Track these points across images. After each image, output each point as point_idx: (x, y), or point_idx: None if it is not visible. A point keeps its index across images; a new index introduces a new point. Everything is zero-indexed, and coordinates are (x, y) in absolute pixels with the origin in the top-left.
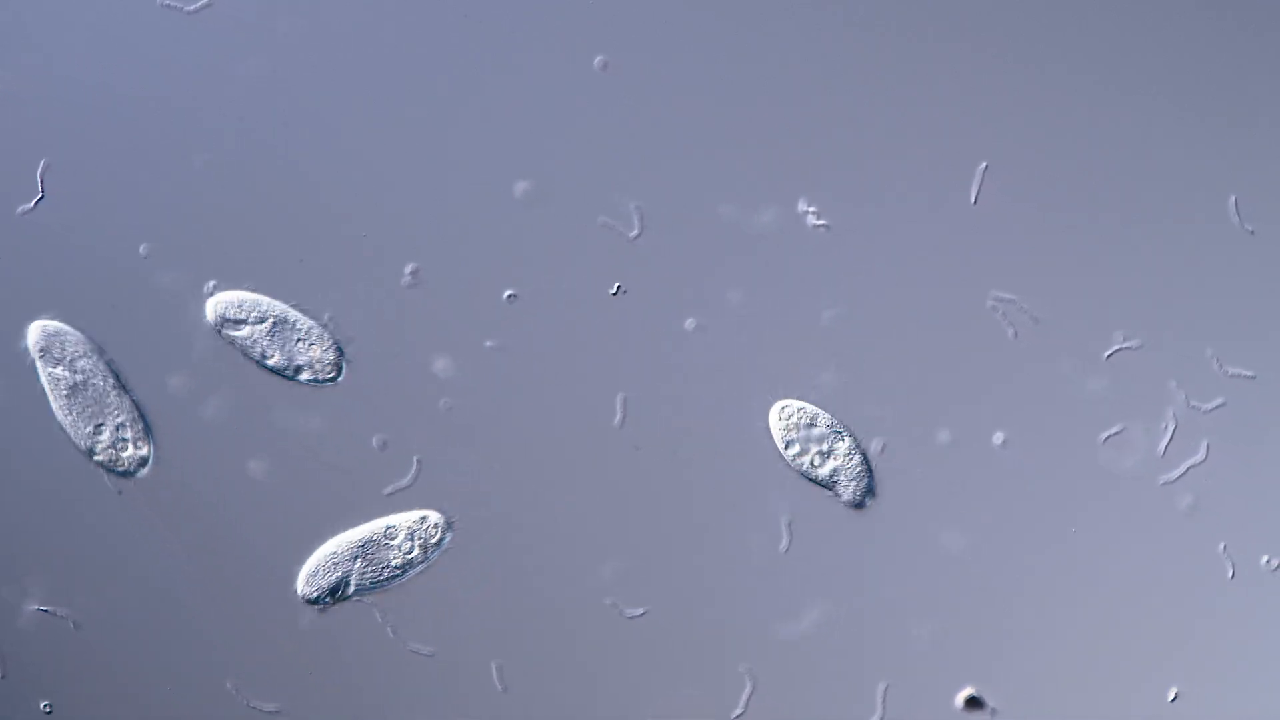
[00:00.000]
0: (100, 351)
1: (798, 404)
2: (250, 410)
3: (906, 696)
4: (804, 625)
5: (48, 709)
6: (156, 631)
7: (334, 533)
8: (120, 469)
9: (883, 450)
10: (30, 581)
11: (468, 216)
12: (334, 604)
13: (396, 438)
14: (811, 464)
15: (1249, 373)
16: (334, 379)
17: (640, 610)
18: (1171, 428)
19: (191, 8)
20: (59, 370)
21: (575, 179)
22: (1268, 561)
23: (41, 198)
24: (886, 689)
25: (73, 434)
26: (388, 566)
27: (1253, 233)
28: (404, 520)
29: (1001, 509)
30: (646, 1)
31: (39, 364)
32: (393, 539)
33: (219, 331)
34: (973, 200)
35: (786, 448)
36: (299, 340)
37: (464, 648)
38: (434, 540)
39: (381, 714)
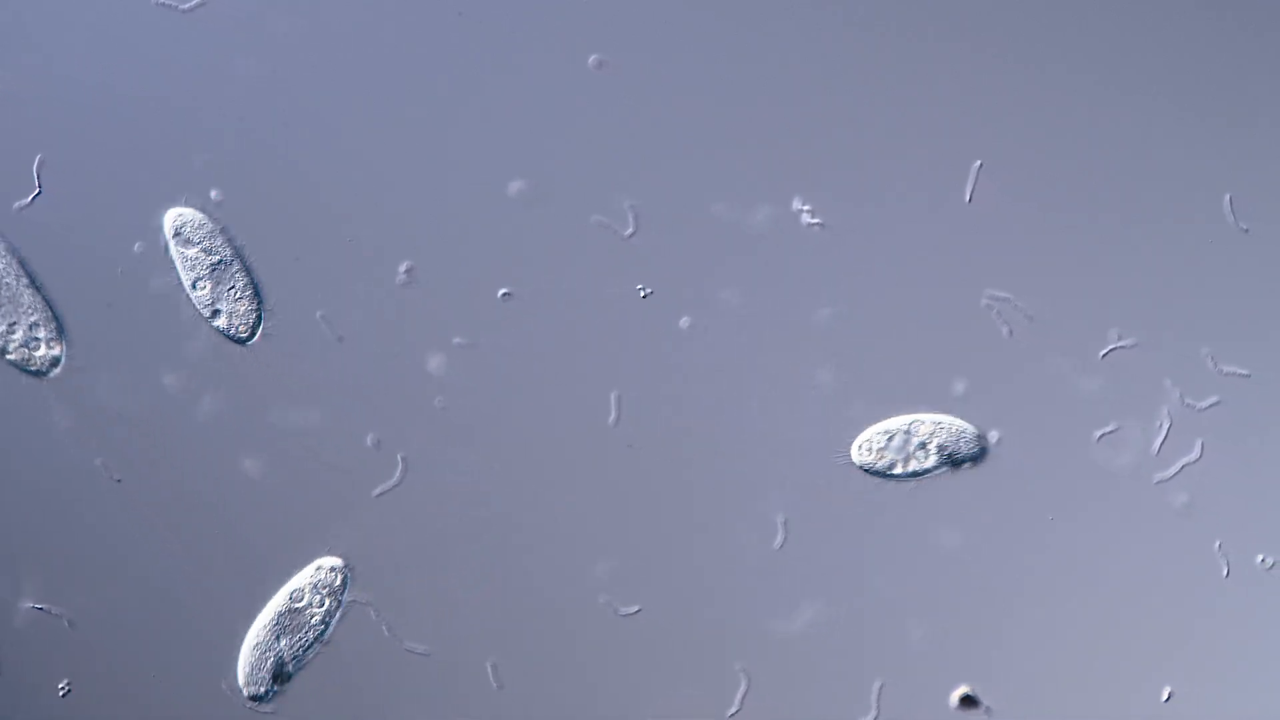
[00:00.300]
0: (13, 251)
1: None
2: (245, 409)
3: (901, 695)
4: (799, 624)
5: (65, 689)
6: (152, 630)
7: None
8: (32, 368)
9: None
10: (25, 579)
11: (462, 215)
12: (285, 686)
13: (390, 436)
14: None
15: (1244, 371)
16: (243, 341)
17: (635, 608)
18: (1166, 426)
19: (186, 6)
20: None
21: (570, 178)
22: (1263, 560)
23: (39, 193)
24: (881, 687)
25: None
26: (310, 627)
27: (1248, 231)
28: (304, 579)
29: (997, 507)
30: (642, 0)
31: None
32: (300, 601)
33: (167, 244)
34: (967, 199)
35: (892, 468)
36: (230, 289)
37: (460, 647)
38: (338, 584)
39: (378, 713)
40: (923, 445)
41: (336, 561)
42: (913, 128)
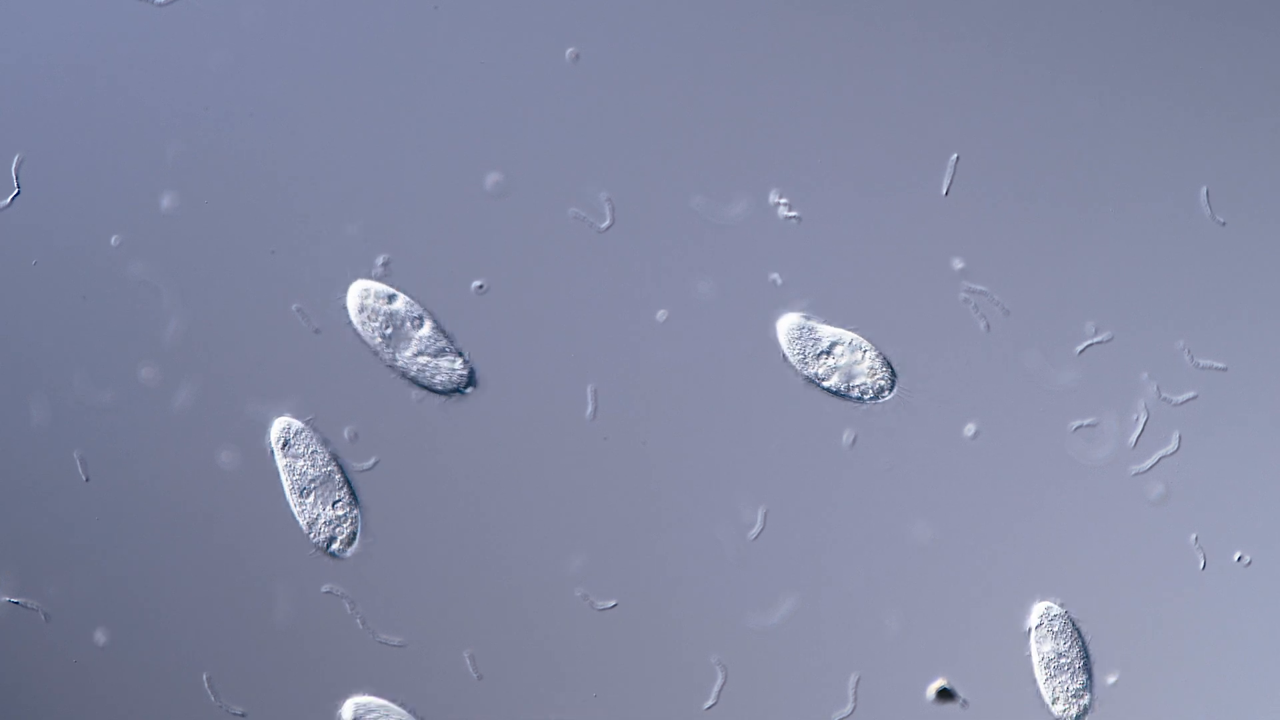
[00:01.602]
0: None
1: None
2: (220, 401)
3: (878, 688)
4: (775, 617)
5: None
6: (128, 623)
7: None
8: None
9: (854, 442)
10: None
11: (438, 208)
12: None
13: (366, 430)
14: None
15: (1220, 365)
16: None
17: (611, 602)
18: (1143, 419)
19: (160, 0)
20: None
21: (546, 171)
22: (1239, 559)
23: (17, 193)
24: (858, 680)
25: None
26: None
27: (1224, 224)
28: None
29: (972, 500)
30: None
31: None
32: None
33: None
34: (944, 192)
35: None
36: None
37: (435, 640)
38: None
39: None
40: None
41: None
42: (889, 122)
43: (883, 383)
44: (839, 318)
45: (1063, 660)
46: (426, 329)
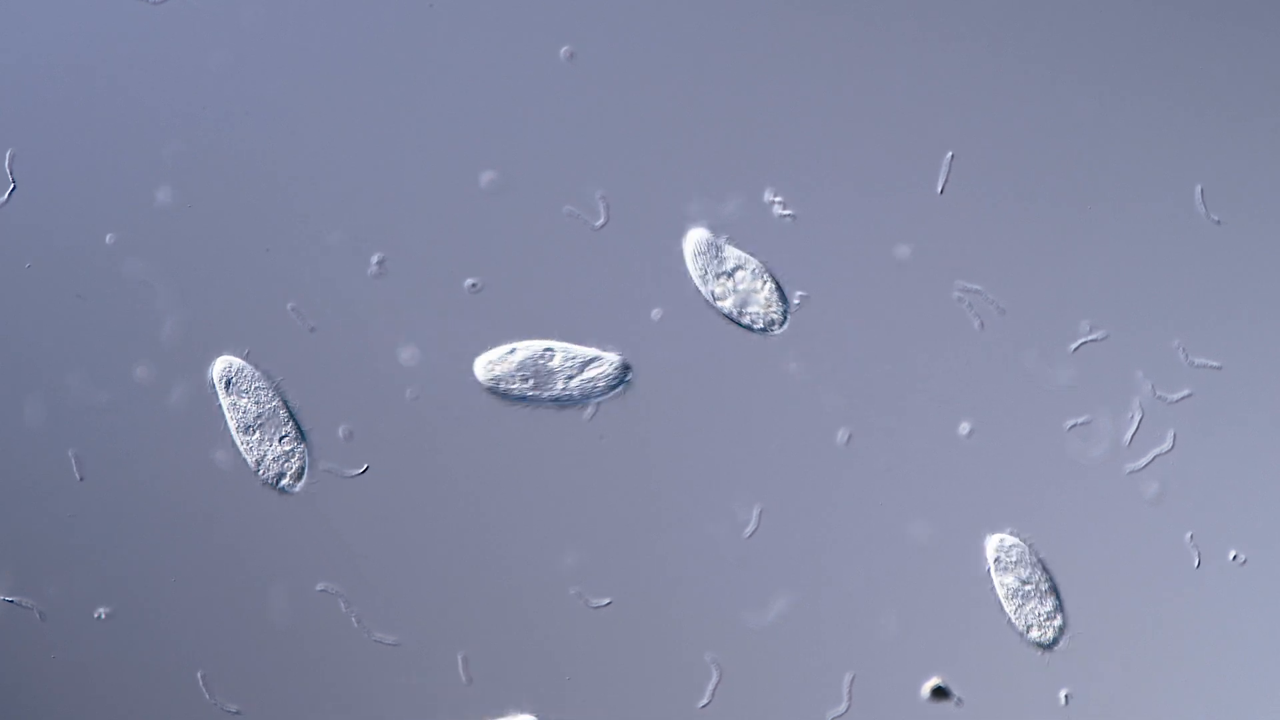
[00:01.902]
0: None
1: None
2: (216, 399)
3: (873, 686)
4: (770, 615)
5: (102, 615)
6: (122, 622)
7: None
8: None
9: (849, 440)
10: None
11: (434, 206)
12: None
13: (361, 428)
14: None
15: (1215, 363)
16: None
17: (606, 600)
18: (1138, 418)
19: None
20: None
21: (541, 169)
22: (1235, 557)
23: (14, 189)
24: (853, 679)
25: None
26: None
27: (1219, 223)
28: None
29: (968, 499)
30: None
31: None
32: None
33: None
34: (939, 190)
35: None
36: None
37: (429, 638)
38: None
39: (346, 704)
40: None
41: None
42: (884, 120)
43: (775, 317)
44: (830, 315)
45: (1027, 587)
46: (557, 358)
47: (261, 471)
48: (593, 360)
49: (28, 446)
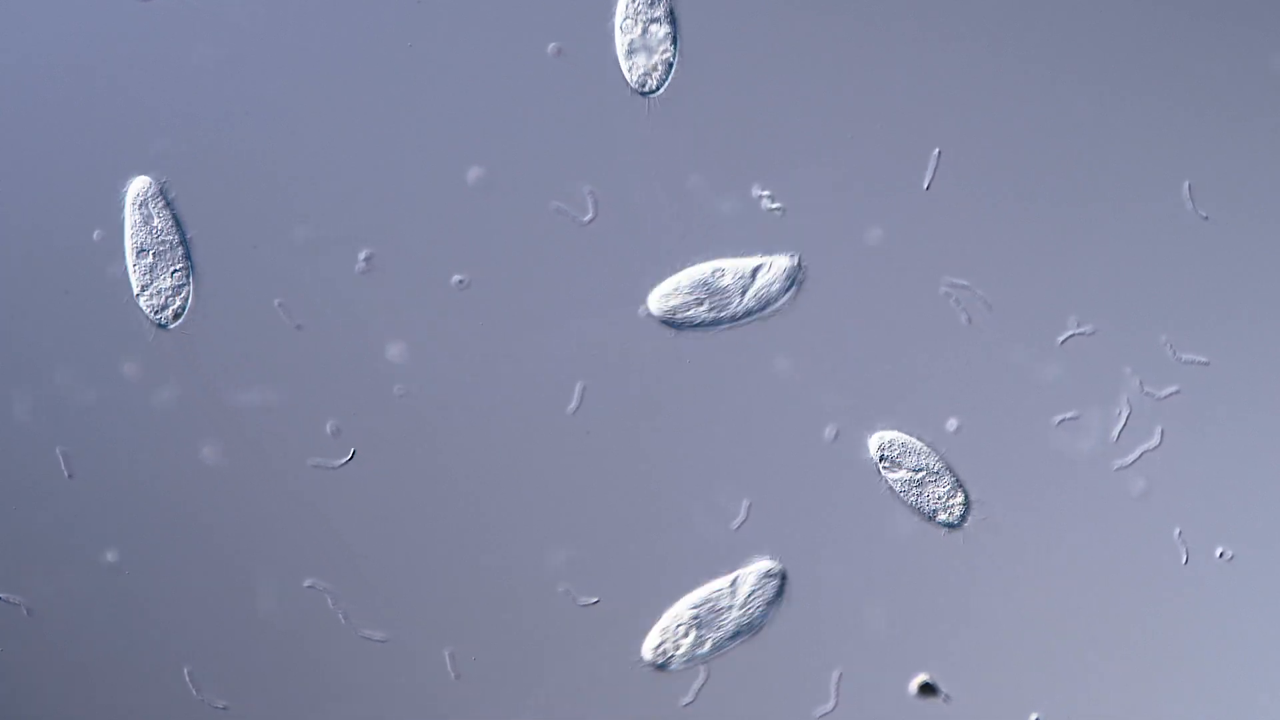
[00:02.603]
0: None
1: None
2: (202, 396)
3: (860, 683)
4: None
5: (115, 560)
6: (110, 618)
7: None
8: None
9: (837, 437)
10: None
11: (421, 202)
12: None
13: (349, 424)
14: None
15: (1203, 359)
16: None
17: (594, 598)
18: (1126, 414)
19: None
20: None
21: (529, 165)
22: (1221, 555)
23: None
24: (840, 676)
25: None
26: None
27: (1207, 219)
28: None
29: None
30: None
31: None
32: None
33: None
34: (926, 186)
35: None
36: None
37: (417, 634)
38: None
39: (335, 700)
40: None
41: None
42: (873, 115)
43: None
44: (820, 310)
45: (920, 474)
46: (727, 276)
47: (144, 299)
48: (759, 268)
49: (15, 443)
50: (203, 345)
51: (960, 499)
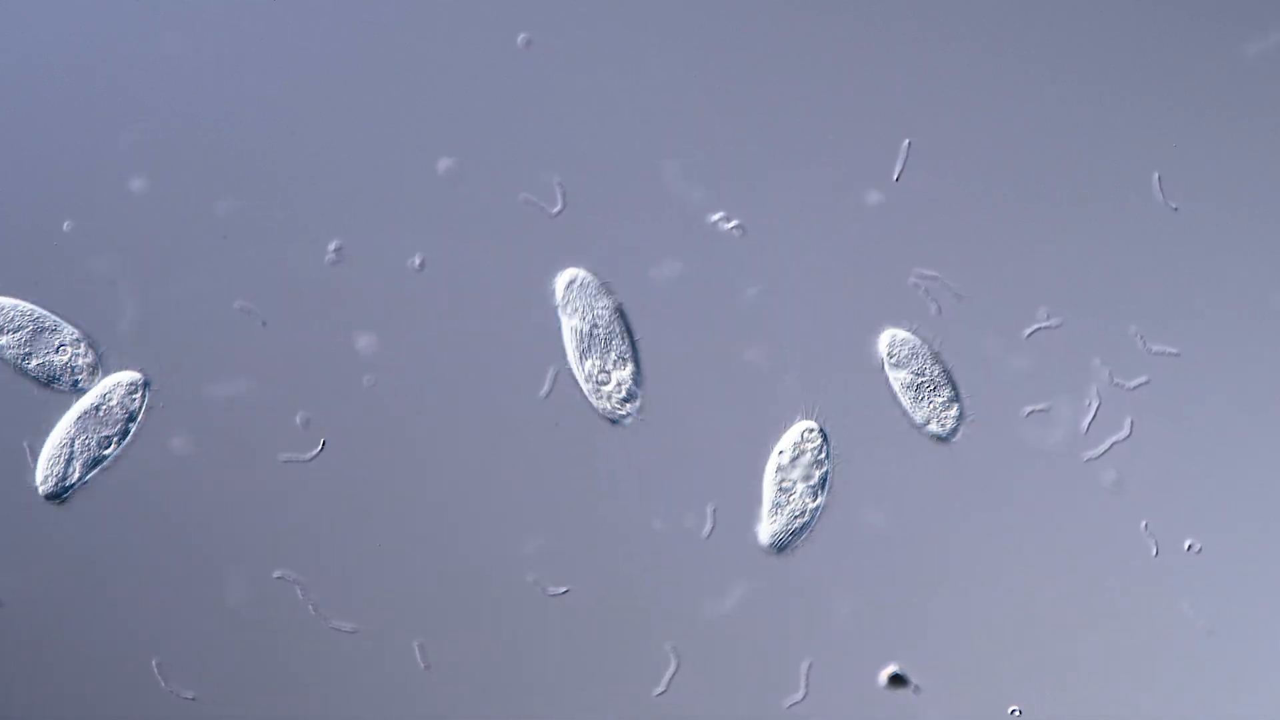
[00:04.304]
0: None
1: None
2: (174, 388)
3: (830, 674)
4: (728, 604)
5: (85, 552)
6: (78, 611)
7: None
8: None
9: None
10: None
11: (390, 193)
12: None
13: (319, 415)
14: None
15: (1173, 350)
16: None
17: (563, 588)
18: (1095, 404)
19: None
20: None
21: (498, 156)
22: (1189, 547)
23: None
24: (810, 666)
25: None
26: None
27: (1176, 210)
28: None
29: (924, 486)
30: None
31: None
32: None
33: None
34: (895, 177)
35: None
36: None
37: (387, 625)
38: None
39: (304, 691)
40: None
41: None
42: (841, 106)
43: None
44: (789, 303)
45: (921, 381)
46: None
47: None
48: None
49: None
50: (174, 336)
51: (955, 411)
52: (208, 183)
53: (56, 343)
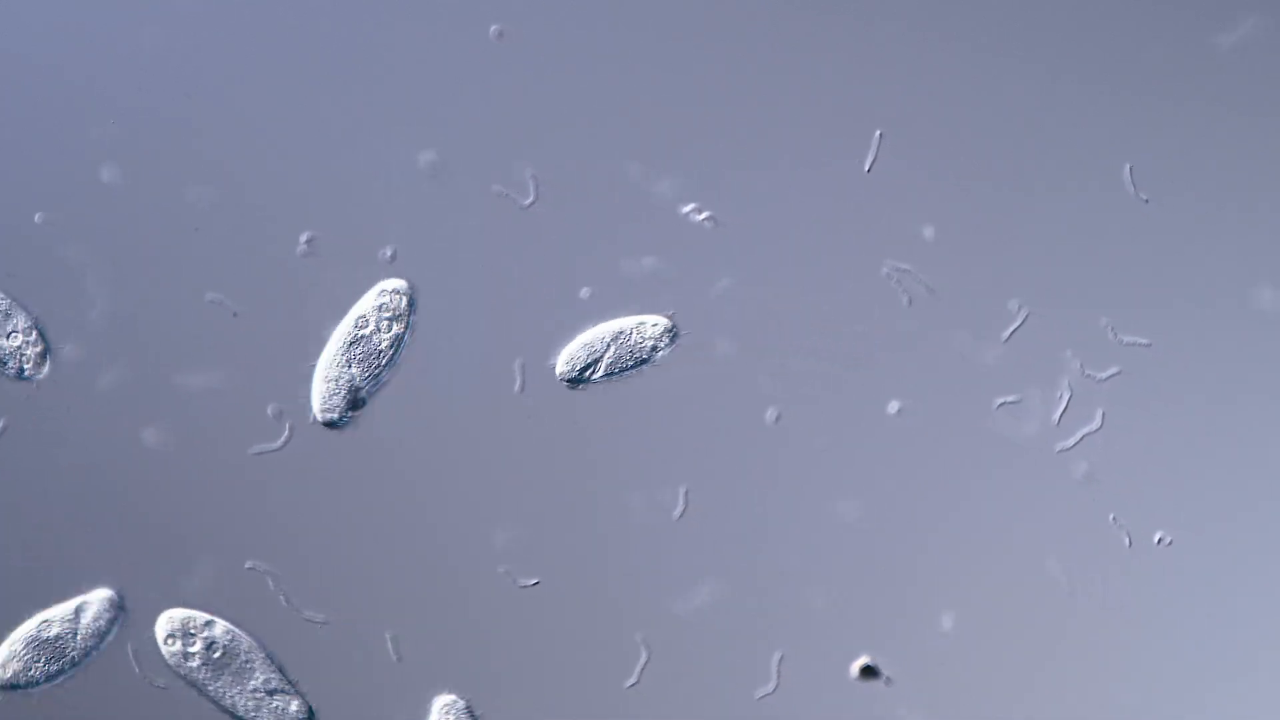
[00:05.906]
0: None
1: None
2: (145, 378)
3: (802, 666)
4: (700, 595)
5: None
6: (51, 599)
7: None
8: None
9: (778, 419)
10: None
11: (362, 184)
12: (359, 412)
13: (292, 407)
14: None
15: (1144, 341)
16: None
17: (534, 580)
18: (1067, 396)
19: None
20: None
21: (471, 148)
22: (1159, 540)
23: None
24: (782, 658)
25: None
26: (379, 351)
27: (1148, 201)
28: (368, 304)
29: (896, 477)
30: None
31: None
32: (366, 328)
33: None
34: (866, 168)
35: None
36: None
37: (358, 616)
38: (404, 307)
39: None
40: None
41: (400, 283)
42: (812, 98)
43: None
44: (762, 293)
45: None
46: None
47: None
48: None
49: None
50: (146, 328)
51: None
52: (179, 174)
53: (9, 329)
